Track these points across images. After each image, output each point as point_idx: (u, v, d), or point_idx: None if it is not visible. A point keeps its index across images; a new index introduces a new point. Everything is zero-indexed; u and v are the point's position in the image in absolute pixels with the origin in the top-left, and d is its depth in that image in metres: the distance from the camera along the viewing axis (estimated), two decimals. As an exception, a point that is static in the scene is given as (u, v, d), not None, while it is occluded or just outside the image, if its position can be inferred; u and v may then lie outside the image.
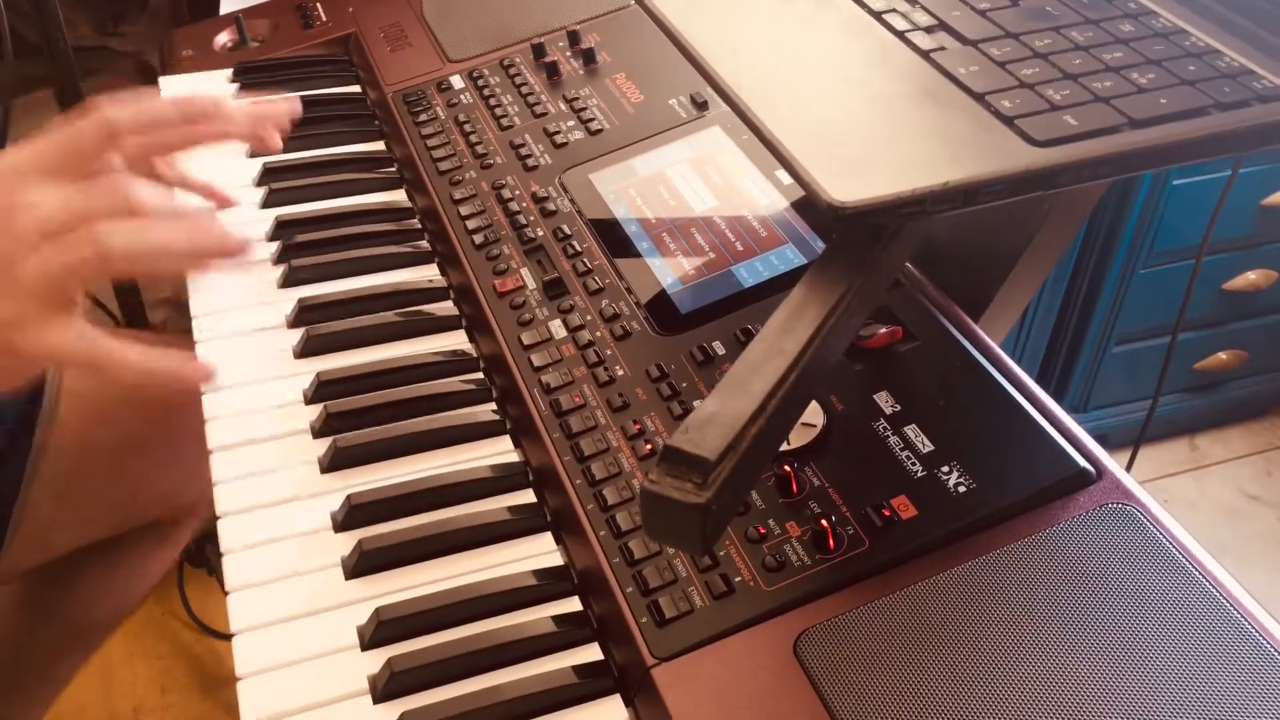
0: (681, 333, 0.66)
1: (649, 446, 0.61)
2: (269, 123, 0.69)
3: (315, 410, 0.68)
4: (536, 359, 0.67)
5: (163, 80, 0.99)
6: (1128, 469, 0.53)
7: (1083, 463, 0.54)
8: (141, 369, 0.56)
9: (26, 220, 0.53)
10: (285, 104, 0.70)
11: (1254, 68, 0.55)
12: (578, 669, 0.54)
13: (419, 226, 0.84)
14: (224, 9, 1.08)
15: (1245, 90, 0.53)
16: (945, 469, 0.55)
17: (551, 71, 0.89)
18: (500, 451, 0.66)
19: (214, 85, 0.98)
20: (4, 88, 1.12)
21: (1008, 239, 0.69)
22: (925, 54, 0.58)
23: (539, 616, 0.57)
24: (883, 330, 0.61)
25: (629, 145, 0.80)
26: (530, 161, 0.82)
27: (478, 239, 0.77)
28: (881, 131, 0.54)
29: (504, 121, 0.86)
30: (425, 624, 0.56)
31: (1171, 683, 0.45)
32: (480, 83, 0.91)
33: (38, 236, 0.53)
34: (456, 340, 0.74)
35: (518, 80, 0.90)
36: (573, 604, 0.58)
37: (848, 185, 0.49)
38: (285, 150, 0.84)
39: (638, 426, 0.62)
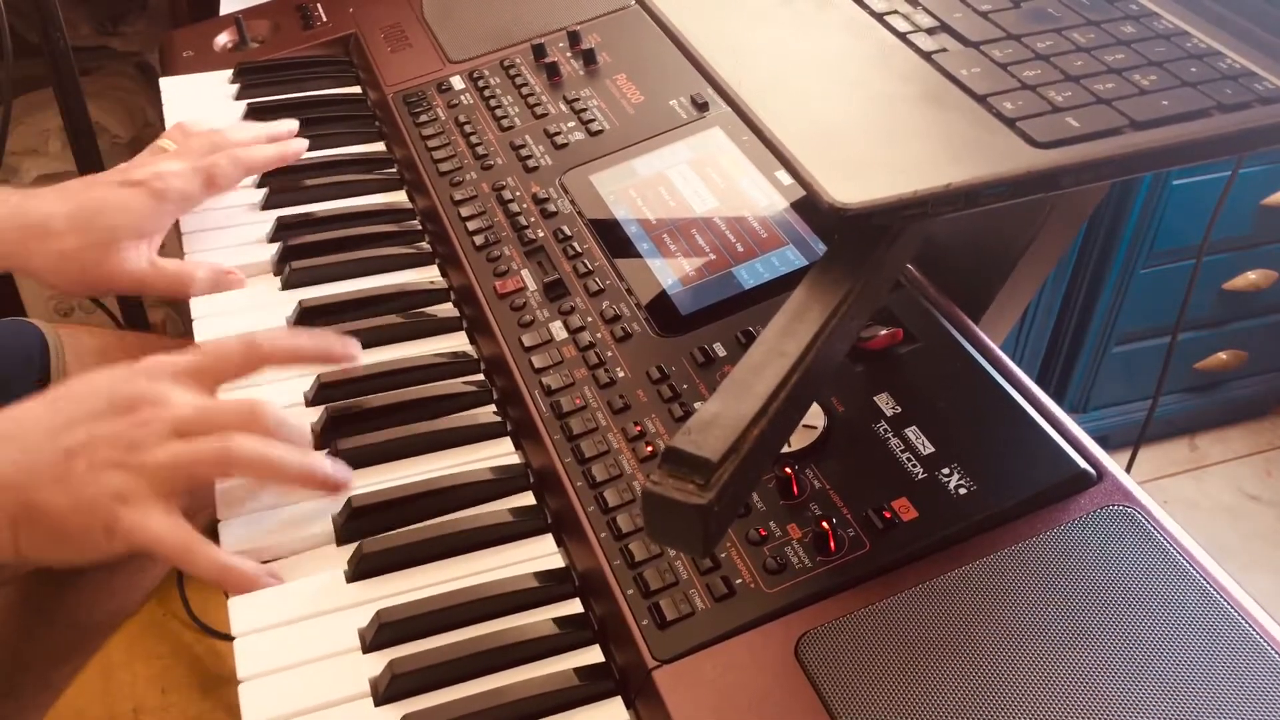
0: (682, 334, 0.66)
1: (650, 448, 0.60)
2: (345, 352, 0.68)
3: (316, 413, 0.68)
4: (537, 360, 0.67)
5: (163, 81, 0.99)
6: (1128, 469, 0.53)
7: (1083, 464, 0.54)
8: (217, 573, 0.58)
9: (165, 412, 0.58)
10: None
11: (1255, 69, 0.55)
12: (579, 671, 0.54)
13: (419, 228, 0.83)
14: (224, 9, 1.08)
15: (1247, 92, 0.53)
16: (946, 471, 0.55)
17: (552, 72, 0.89)
18: (501, 453, 0.66)
19: (214, 86, 0.98)
20: (4, 88, 1.12)
21: (1008, 240, 0.69)
22: (927, 55, 0.58)
23: (540, 619, 0.57)
24: (883, 332, 0.61)
25: (629, 146, 0.80)
26: (531, 162, 0.82)
27: (478, 240, 0.77)
28: (883, 133, 0.54)
29: (504, 122, 0.86)
30: (427, 626, 0.56)
31: (1172, 684, 0.45)
32: (481, 83, 0.91)
33: (170, 429, 0.58)
34: (457, 342, 0.74)
35: (518, 81, 0.90)
36: (574, 606, 0.58)
37: (850, 186, 0.49)
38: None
39: (639, 428, 0.62)
